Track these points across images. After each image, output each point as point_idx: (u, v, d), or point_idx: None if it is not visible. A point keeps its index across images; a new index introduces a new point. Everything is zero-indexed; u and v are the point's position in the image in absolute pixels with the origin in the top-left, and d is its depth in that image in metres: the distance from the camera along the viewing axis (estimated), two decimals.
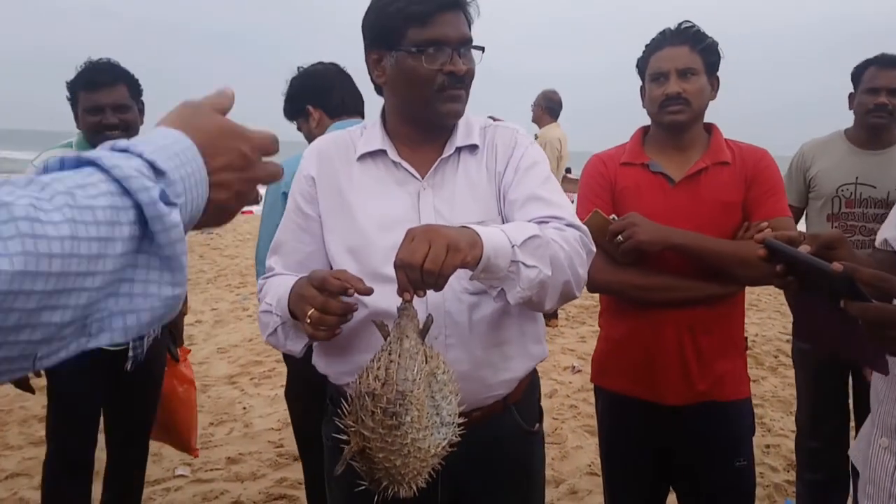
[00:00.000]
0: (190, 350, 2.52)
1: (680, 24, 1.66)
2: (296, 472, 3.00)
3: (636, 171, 1.71)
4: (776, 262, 1.07)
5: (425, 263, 0.92)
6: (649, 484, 1.78)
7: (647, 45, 1.71)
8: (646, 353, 1.67)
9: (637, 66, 1.74)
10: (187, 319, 5.41)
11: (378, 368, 0.96)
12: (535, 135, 5.28)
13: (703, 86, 1.64)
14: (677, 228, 1.59)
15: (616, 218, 1.62)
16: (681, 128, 1.67)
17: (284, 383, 2.34)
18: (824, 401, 2.42)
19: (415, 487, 0.97)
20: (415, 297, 0.97)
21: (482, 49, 1.22)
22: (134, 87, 2.13)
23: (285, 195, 1.62)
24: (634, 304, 1.68)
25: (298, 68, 2.19)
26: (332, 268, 1.24)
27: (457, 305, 1.18)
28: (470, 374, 1.19)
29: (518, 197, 1.21)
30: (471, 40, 1.20)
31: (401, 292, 0.97)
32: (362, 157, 1.26)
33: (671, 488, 1.83)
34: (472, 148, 1.26)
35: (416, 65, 1.17)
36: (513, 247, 1.03)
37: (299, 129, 2.18)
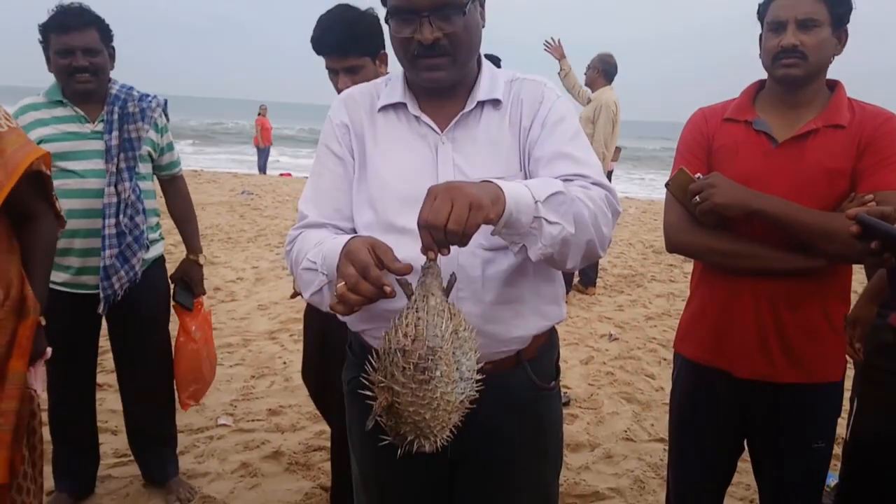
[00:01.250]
0: (202, 302, 2.50)
1: None
2: None
3: (738, 128, 1.59)
4: (870, 238, 1.00)
5: (449, 223, 0.91)
6: (717, 456, 1.72)
7: None
8: (723, 322, 1.60)
9: (757, 12, 1.59)
10: (228, 275, 5.56)
11: (407, 325, 0.97)
12: (589, 98, 5.17)
13: (825, 39, 1.48)
14: (762, 193, 1.48)
15: (701, 177, 1.54)
16: (795, 83, 1.53)
17: None
18: None
19: (439, 442, 0.98)
20: (438, 254, 0.96)
21: (462, 8, 1.13)
22: (105, 32, 2.14)
23: None
24: (716, 269, 1.61)
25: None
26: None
27: (471, 260, 1.17)
28: (480, 328, 1.16)
29: (544, 154, 1.18)
30: (447, 3, 1.12)
31: (425, 251, 0.96)
32: (384, 109, 1.25)
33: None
34: (495, 102, 1.22)
35: (393, 32, 1.17)
36: (536, 202, 1.01)
37: (352, 70, 1.90)
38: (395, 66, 1.33)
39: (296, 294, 2.08)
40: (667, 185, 1.64)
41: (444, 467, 1.28)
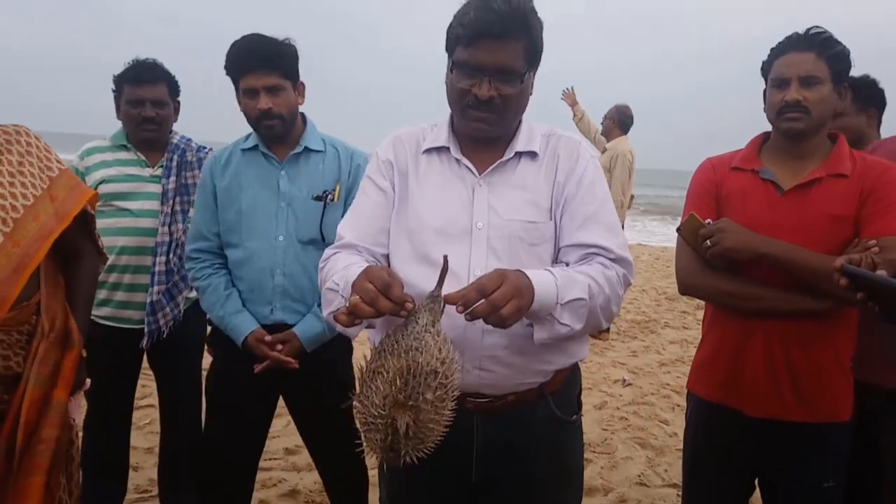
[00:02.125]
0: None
1: (808, 30, 1.60)
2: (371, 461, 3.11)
3: (745, 176, 1.67)
4: (857, 288, 1.04)
5: (498, 302, 1.03)
6: (729, 495, 1.75)
7: (772, 49, 1.66)
8: (735, 362, 1.65)
9: (761, 69, 1.69)
10: None
11: (431, 347, 1.03)
12: (604, 147, 5.31)
13: (827, 95, 1.58)
14: (770, 238, 1.55)
15: (711, 223, 1.62)
16: (799, 136, 1.61)
17: None
18: None
19: (422, 454, 1.03)
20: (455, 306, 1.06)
21: (522, 77, 1.24)
22: (173, 87, 2.35)
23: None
24: (728, 311, 1.67)
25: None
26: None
27: None
28: (504, 360, 1.25)
29: (577, 214, 1.28)
30: (509, 70, 1.23)
31: (460, 302, 1.04)
32: (428, 151, 1.35)
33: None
34: (532, 154, 1.32)
35: (454, 80, 1.27)
36: (556, 304, 1.14)
37: (275, 90, 1.89)
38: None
39: None
40: (678, 230, 1.71)
41: (469, 494, 1.34)
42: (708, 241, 1.59)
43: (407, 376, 1.00)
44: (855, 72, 1.67)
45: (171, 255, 2.27)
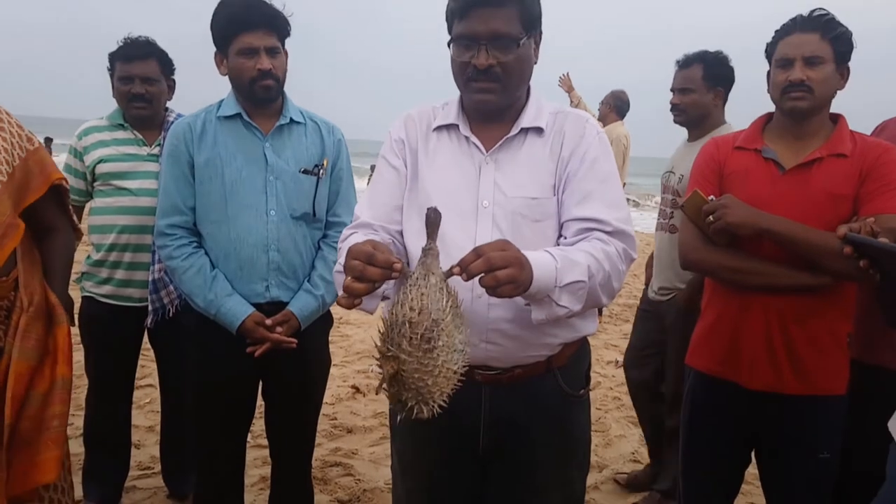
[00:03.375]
0: None
1: (812, 11, 1.63)
2: (349, 442, 3.17)
3: (748, 155, 1.71)
4: (861, 257, 1.06)
5: (495, 261, 1.04)
6: (726, 466, 1.80)
7: (776, 31, 1.69)
8: (734, 336, 1.69)
9: (765, 50, 1.72)
10: None
11: (412, 299, 1.06)
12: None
13: (829, 75, 1.61)
14: (771, 214, 1.58)
15: (714, 199, 1.65)
16: (801, 115, 1.64)
17: (339, 362, 2.46)
18: None
19: (436, 409, 1.07)
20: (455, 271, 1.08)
21: (517, 41, 1.25)
22: (165, 64, 2.34)
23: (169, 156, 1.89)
24: (728, 286, 1.70)
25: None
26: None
27: None
28: (509, 332, 1.27)
29: (577, 190, 1.28)
30: (504, 35, 1.24)
31: (458, 264, 1.06)
32: (438, 129, 1.38)
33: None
34: (538, 130, 1.34)
35: (453, 56, 1.31)
36: (555, 287, 1.13)
37: (274, 52, 1.87)
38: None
39: None
40: (681, 206, 1.75)
41: (477, 463, 1.38)
42: (710, 217, 1.63)
43: (386, 328, 1.07)
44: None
45: None
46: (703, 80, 2.43)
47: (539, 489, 1.36)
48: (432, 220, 1.17)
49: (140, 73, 2.27)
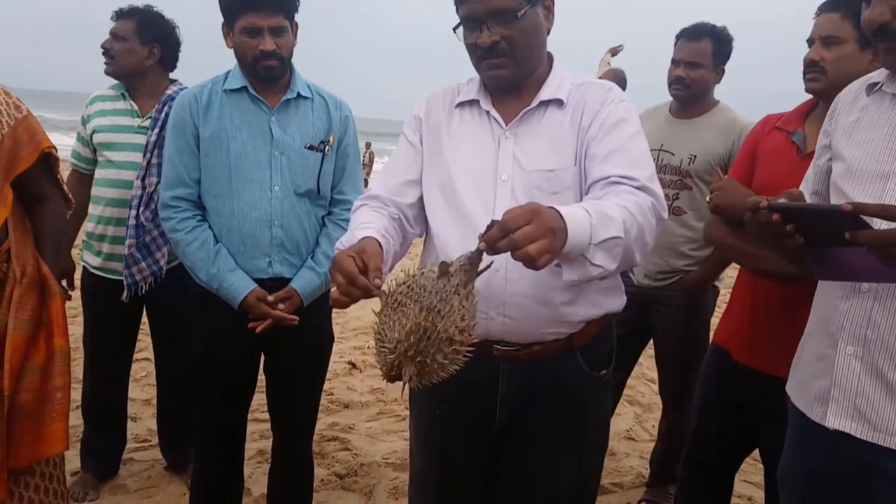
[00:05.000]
0: None
1: None
2: (345, 417, 3.18)
3: (782, 136, 1.69)
4: (787, 222, 1.07)
5: (517, 234, 0.95)
6: (728, 440, 1.84)
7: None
8: (733, 310, 1.75)
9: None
10: None
11: (457, 317, 1.01)
12: None
13: (846, 55, 1.56)
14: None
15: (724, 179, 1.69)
16: (818, 95, 1.62)
17: (336, 338, 2.42)
18: None
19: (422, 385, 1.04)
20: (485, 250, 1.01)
21: (516, 13, 1.23)
22: (142, 26, 2.27)
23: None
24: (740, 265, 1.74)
25: None
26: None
27: None
28: (528, 309, 1.26)
29: (600, 152, 1.25)
30: (502, 9, 1.24)
31: (484, 240, 0.99)
32: (461, 105, 1.38)
33: None
34: (559, 102, 1.32)
35: (463, 39, 1.31)
36: (589, 244, 1.05)
37: (279, 31, 1.83)
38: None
39: None
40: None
41: (493, 439, 1.38)
42: (709, 198, 1.66)
43: (422, 335, 1.00)
44: None
45: (141, 209, 2.20)
46: (713, 55, 2.35)
47: (551, 466, 1.36)
48: (486, 230, 1.03)
49: (113, 31, 2.27)
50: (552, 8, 1.33)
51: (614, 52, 5.43)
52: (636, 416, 3.39)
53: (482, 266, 1.07)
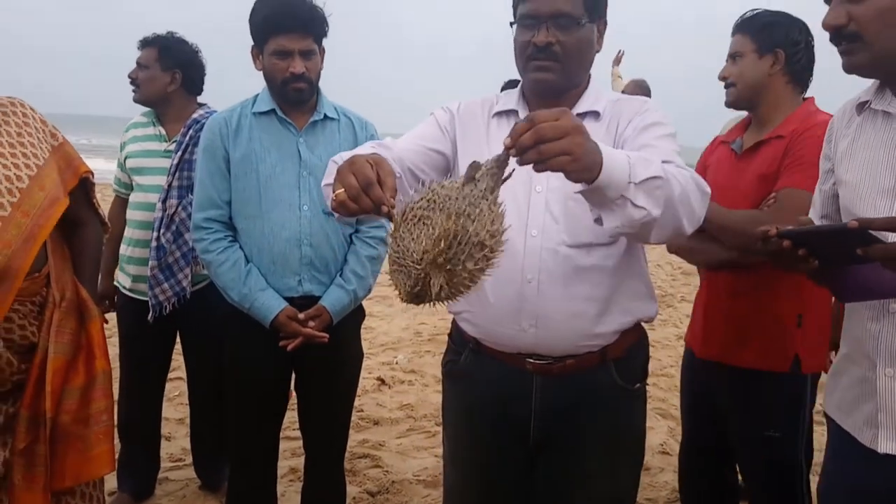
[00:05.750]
0: None
1: (744, 14, 1.80)
2: (375, 434, 3.18)
3: (725, 148, 1.85)
4: (798, 247, 1.07)
5: (543, 142, 0.92)
6: (714, 439, 1.88)
7: None
8: (699, 312, 1.86)
9: None
10: None
11: (487, 220, 0.96)
12: None
13: (746, 64, 1.73)
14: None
15: None
16: (734, 107, 1.82)
17: (364, 354, 2.41)
18: None
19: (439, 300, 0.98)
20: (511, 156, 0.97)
21: (578, 21, 1.25)
22: (164, 53, 2.33)
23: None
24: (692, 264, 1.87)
25: None
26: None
27: (553, 255, 1.25)
28: (562, 322, 1.26)
29: (632, 147, 1.23)
30: (566, 14, 1.25)
31: (510, 136, 0.95)
32: (498, 114, 1.38)
33: None
34: (595, 114, 1.33)
35: (516, 37, 1.32)
36: (629, 183, 1.00)
37: (308, 54, 1.87)
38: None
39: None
40: None
41: (527, 454, 1.37)
42: None
43: (452, 241, 0.94)
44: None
45: (161, 231, 2.24)
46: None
47: (587, 481, 1.35)
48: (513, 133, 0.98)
49: (139, 59, 2.35)
50: (603, 34, 1.35)
51: (618, 60, 5.41)
52: (670, 430, 3.33)
53: (505, 174, 1.01)
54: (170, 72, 2.34)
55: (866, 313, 1.15)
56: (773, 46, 1.72)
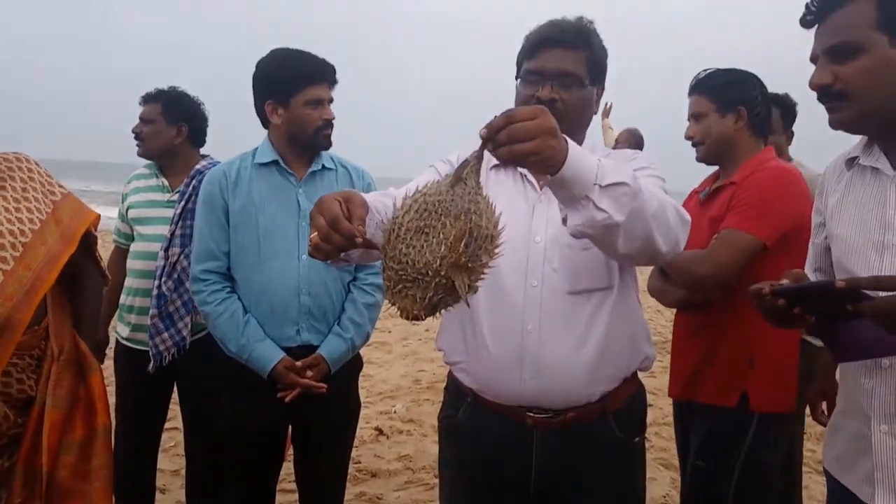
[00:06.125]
0: None
1: (697, 75, 1.91)
2: (373, 487, 3.12)
3: (695, 196, 1.99)
4: (792, 305, 1.08)
5: (514, 142, 0.95)
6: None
7: None
8: (672, 354, 1.97)
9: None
10: None
11: (488, 212, 0.98)
12: None
13: (710, 123, 1.85)
14: None
15: None
16: (704, 162, 1.93)
17: (362, 402, 2.39)
18: None
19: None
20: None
21: (583, 82, 1.32)
22: (168, 107, 2.40)
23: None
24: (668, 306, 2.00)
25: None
26: None
27: (553, 304, 1.27)
28: (562, 369, 1.27)
29: None
30: (571, 74, 1.31)
31: (486, 127, 0.97)
32: (496, 167, 1.41)
33: None
34: None
35: (519, 90, 1.37)
36: (594, 184, 1.01)
37: (331, 103, 1.99)
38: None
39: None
40: None
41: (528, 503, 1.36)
42: None
43: (469, 239, 0.95)
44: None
45: (163, 279, 2.25)
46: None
47: None
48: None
49: (142, 115, 2.39)
50: (601, 98, 1.41)
51: (606, 113, 5.55)
52: (672, 481, 3.28)
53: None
54: (175, 125, 2.40)
55: (860, 369, 1.16)
56: (733, 105, 1.83)
